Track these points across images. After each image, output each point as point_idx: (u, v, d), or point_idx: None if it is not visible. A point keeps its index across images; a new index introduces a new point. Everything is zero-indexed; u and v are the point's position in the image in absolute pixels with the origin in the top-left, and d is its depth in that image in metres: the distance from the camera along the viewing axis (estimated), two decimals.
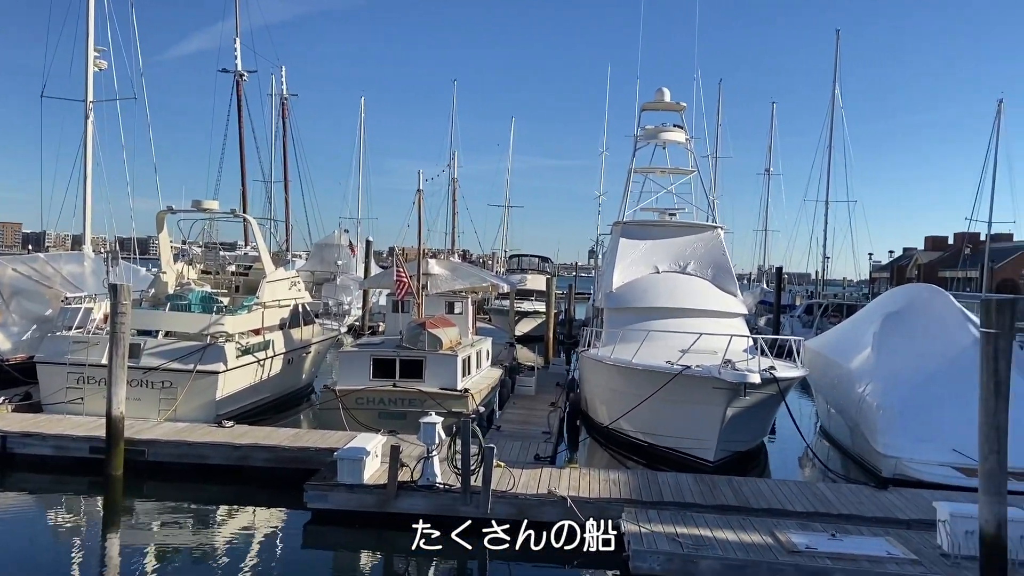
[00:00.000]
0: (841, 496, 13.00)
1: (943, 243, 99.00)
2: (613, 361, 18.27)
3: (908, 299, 20.38)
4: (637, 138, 26.24)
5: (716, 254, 23.23)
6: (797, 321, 49.74)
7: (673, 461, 16.77)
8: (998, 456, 8.96)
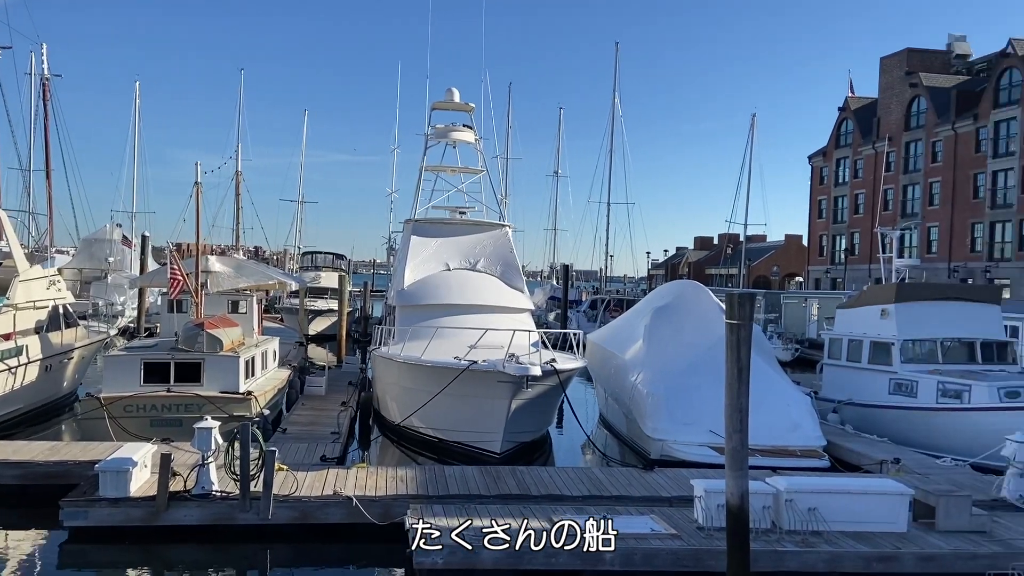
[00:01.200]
0: (614, 479, 13.90)
1: (709, 243, 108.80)
2: (403, 359, 18.29)
3: (674, 294, 22.20)
4: (428, 137, 26.44)
5: (504, 252, 23.96)
6: (583, 316, 52.56)
7: (462, 455, 17.11)
8: (741, 435, 9.97)
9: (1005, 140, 50.46)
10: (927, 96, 57.73)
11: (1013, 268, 49.02)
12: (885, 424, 18.88)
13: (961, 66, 62.63)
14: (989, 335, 19.74)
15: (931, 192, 57.39)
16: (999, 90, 51.10)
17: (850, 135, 67.43)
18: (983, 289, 24.87)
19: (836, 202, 69.28)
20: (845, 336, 21.42)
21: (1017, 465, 12.62)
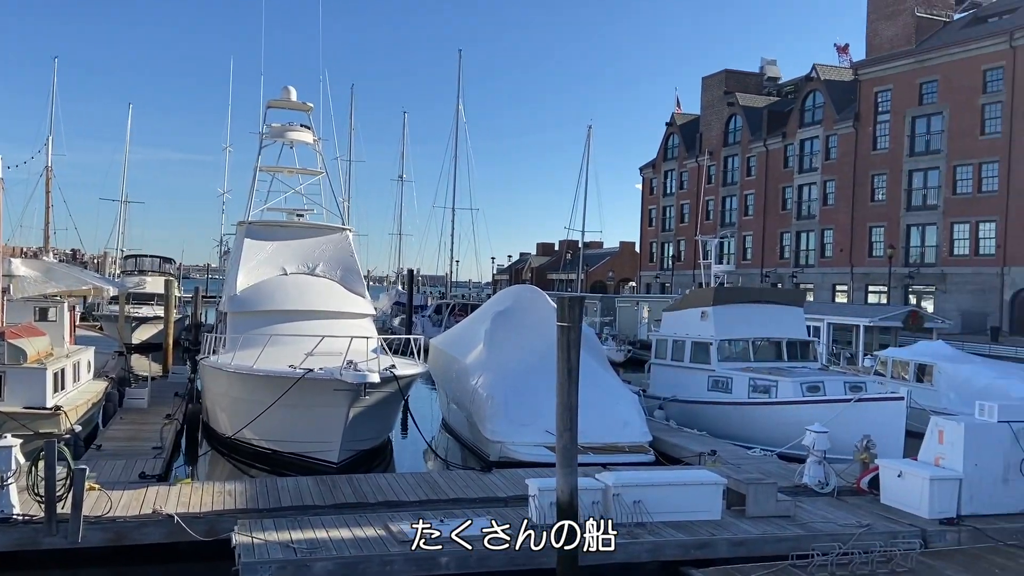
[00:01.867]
0: (452, 482, 13.98)
1: (551, 249, 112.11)
2: (234, 368, 17.50)
3: (513, 299, 22.69)
4: (263, 136, 25.50)
5: (344, 256, 23.51)
6: (428, 320, 52.50)
7: (299, 466, 16.60)
8: (571, 433, 10.34)
9: (809, 157, 55.54)
10: (742, 115, 62.48)
11: (815, 273, 53.98)
12: (705, 419, 20.21)
13: (772, 88, 68.33)
14: (794, 335, 21.64)
15: (746, 203, 62.12)
16: (804, 111, 56.18)
17: (676, 149, 71.72)
18: (789, 293, 27.17)
19: (664, 211, 73.41)
20: (670, 337, 22.73)
21: (816, 453, 13.89)
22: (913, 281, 46.27)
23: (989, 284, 42.65)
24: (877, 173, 49.51)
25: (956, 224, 44.83)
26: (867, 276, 49.62)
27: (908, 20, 48.51)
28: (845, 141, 51.85)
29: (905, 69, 47.82)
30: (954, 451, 12.65)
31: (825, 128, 53.62)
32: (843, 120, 51.78)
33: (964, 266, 44.08)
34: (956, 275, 44.38)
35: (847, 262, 51.10)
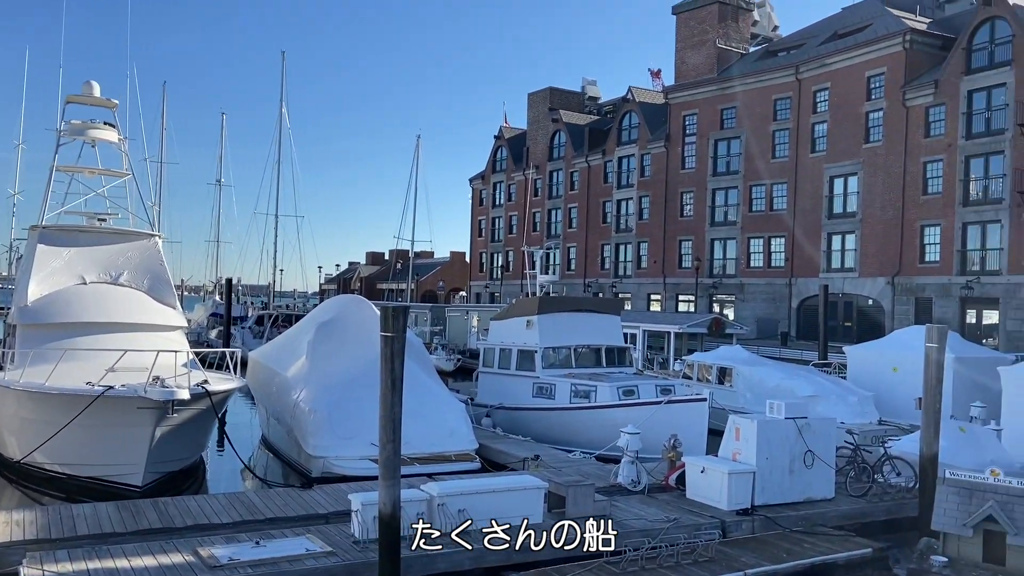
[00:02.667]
0: (270, 501, 13.45)
1: (381, 258, 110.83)
2: (23, 386, 15.92)
3: (338, 309, 22.23)
4: (61, 132, 23.39)
5: (153, 264, 22.04)
6: (249, 332, 50.21)
7: (99, 492, 15.32)
8: (394, 444, 10.28)
9: (626, 173, 58.75)
10: (566, 131, 65.05)
11: (632, 283, 57.11)
12: (530, 424, 20.79)
13: (593, 107, 71.66)
14: (612, 342, 22.78)
15: (570, 216, 64.66)
16: (621, 130, 59.40)
17: (505, 161, 73.40)
18: (608, 302, 28.60)
19: (494, 222, 74.83)
20: (497, 346, 23.18)
21: (629, 454, 14.69)
22: (717, 291, 50.13)
23: (780, 293, 47.02)
24: (686, 190, 53.22)
25: (752, 239, 49.07)
26: (677, 286, 53.13)
27: (711, 50, 52.65)
28: (658, 160, 55.33)
29: (708, 95, 51.84)
30: (749, 447, 13.82)
31: (640, 147, 56.95)
32: (656, 140, 55.24)
33: (759, 277, 48.30)
34: (752, 285, 48.54)
35: (660, 273, 54.47)
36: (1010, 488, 12.22)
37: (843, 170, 43.87)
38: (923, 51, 41.07)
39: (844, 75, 43.82)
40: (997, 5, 36.79)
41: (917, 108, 39.94)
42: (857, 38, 44.08)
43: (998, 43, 36.81)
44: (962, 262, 37.73)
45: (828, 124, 44.70)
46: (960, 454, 15.83)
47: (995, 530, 11.78)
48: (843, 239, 44.01)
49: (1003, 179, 36.05)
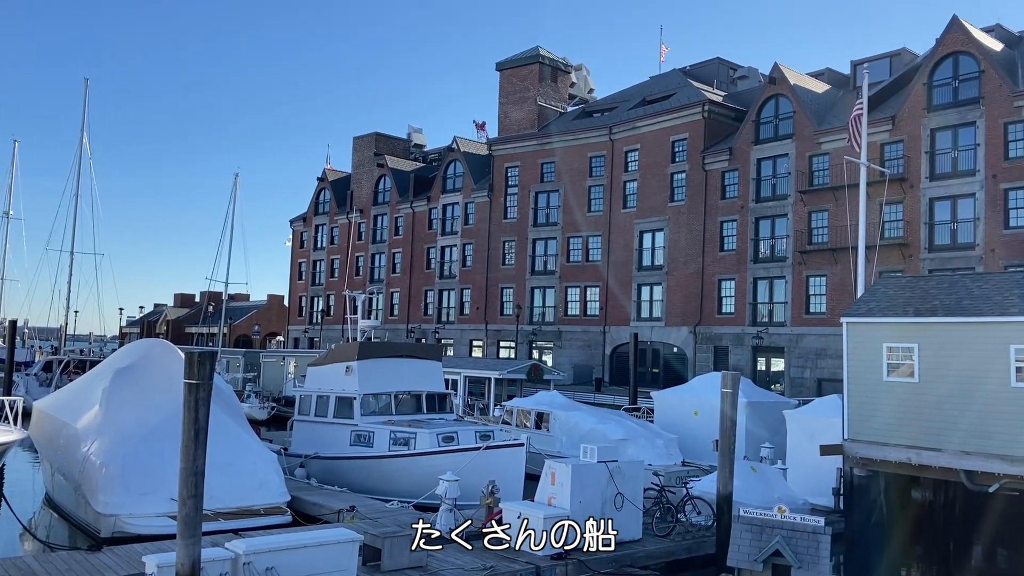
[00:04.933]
0: (51, 567, 12.07)
1: (191, 300, 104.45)
2: None
3: (139, 354, 20.61)
4: None
5: None
6: (34, 380, 45.37)
7: None
8: (195, 500, 9.60)
9: (451, 221, 59.57)
10: (391, 176, 65.13)
11: (455, 329, 57.56)
12: (348, 474, 20.15)
13: (419, 154, 72.38)
14: (433, 388, 22.73)
15: (394, 261, 64.41)
16: (446, 178, 60.34)
17: (328, 204, 72.10)
18: (428, 347, 28.52)
19: (315, 265, 72.95)
20: (314, 392, 22.42)
21: (447, 501, 14.60)
22: (536, 337, 51.61)
23: (595, 341, 49.21)
24: (508, 239, 54.74)
25: (569, 288, 51.19)
26: (499, 332, 54.16)
27: (532, 107, 55.06)
28: (481, 208, 56.61)
29: (529, 150, 54.01)
30: (563, 490, 14.17)
31: (464, 196, 58.05)
32: (480, 189, 56.57)
33: (576, 325, 50.34)
34: (569, 332, 50.47)
35: (482, 319, 55.31)
36: (794, 523, 13.36)
37: (651, 225, 47.01)
38: (719, 120, 45.23)
39: (652, 138, 47.27)
40: (780, 84, 41.35)
41: (715, 172, 43.76)
42: (663, 105, 47.82)
43: (782, 118, 41.30)
44: (753, 314, 41.36)
45: (638, 182, 47.87)
46: (752, 492, 17.13)
47: (781, 563, 12.79)
48: (651, 290, 46.95)
49: (787, 239, 40.13)
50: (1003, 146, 32.79)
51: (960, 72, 34.71)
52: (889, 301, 19.45)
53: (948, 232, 34.38)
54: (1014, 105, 32.41)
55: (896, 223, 35.68)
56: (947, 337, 17.58)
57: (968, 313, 17.37)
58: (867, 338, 18.97)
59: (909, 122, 35.73)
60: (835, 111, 40.34)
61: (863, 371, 18.97)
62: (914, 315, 18.24)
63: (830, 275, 37.69)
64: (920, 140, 35.30)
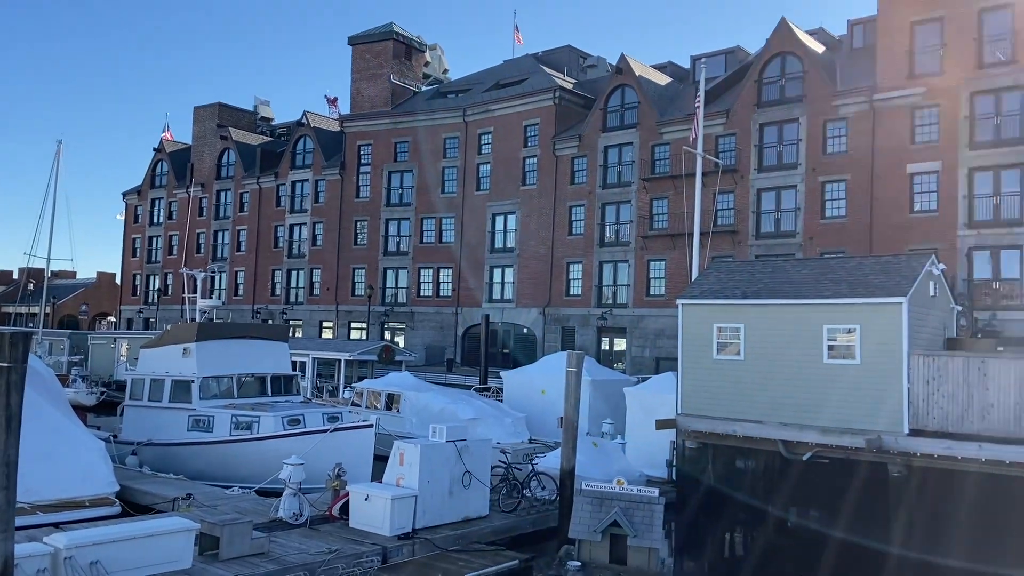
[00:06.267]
0: None
1: (8, 277, 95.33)
2: None
3: None
4: None
5: None
6: None
7: None
8: (7, 492, 8.84)
9: (300, 198, 57.68)
10: (236, 150, 62.13)
11: (304, 310, 56.00)
12: (185, 461, 19.20)
13: (266, 128, 69.46)
14: (278, 370, 22.03)
15: (239, 239, 61.63)
16: (296, 154, 58.31)
17: (165, 176, 67.83)
18: (274, 328, 27.65)
19: (151, 242, 68.57)
20: (148, 376, 21.17)
21: (291, 486, 14.24)
22: (388, 319, 51.13)
23: (447, 322, 49.41)
24: (360, 219, 53.73)
25: (422, 269, 51.03)
26: (350, 314, 53.19)
27: (385, 85, 54.15)
28: (332, 187, 55.18)
29: (383, 128, 53.15)
30: (412, 471, 14.20)
31: (315, 172, 56.35)
32: (331, 167, 55.09)
33: (428, 306, 50.30)
34: (422, 314, 50.38)
35: (333, 300, 54.09)
36: (631, 495, 14.07)
37: (504, 208, 47.63)
38: (570, 107, 46.38)
39: (505, 122, 47.79)
40: (627, 75, 42.93)
41: (565, 158, 44.90)
42: (516, 89, 48.42)
43: (627, 108, 42.92)
44: (599, 296, 42.95)
45: (491, 165, 48.29)
46: (594, 467, 17.88)
47: (619, 533, 13.45)
48: (503, 272, 47.64)
49: (630, 225, 41.88)
50: (822, 142, 35.71)
51: (787, 72, 37.42)
52: (720, 284, 20.79)
53: (773, 221, 37.10)
54: (832, 104, 35.34)
55: (728, 211, 38.09)
56: (770, 318, 19.03)
57: (788, 296, 18.87)
58: (699, 319, 20.20)
59: (741, 117, 38.15)
60: (676, 103, 42.41)
61: (696, 350, 20.20)
62: (741, 297, 19.60)
63: (669, 260, 39.73)
64: (750, 134, 37.79)
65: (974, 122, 31.51)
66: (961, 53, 31.86)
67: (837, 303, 17.94)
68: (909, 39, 33.43)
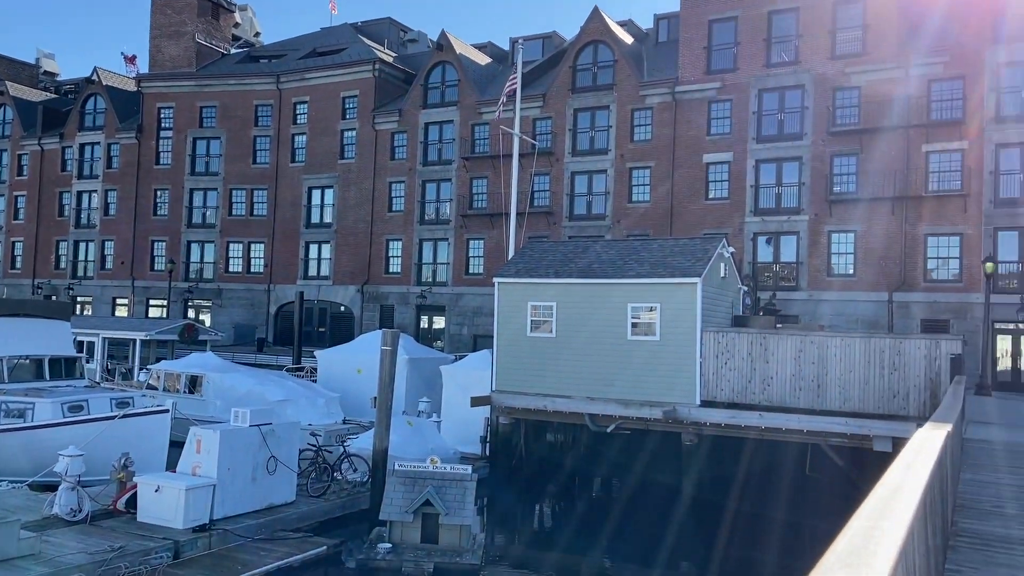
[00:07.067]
0: None
1: None
2: None
3: None
4: None
5: None
6: None
7: None
8: None
9: (90, 163, 52.50)
10: (14, 106, 55.47)
11: (95, 286, 51.24)
12: None
13: (50, 83, 62.53)
14: (58, 351, 19.90)
15: (16, 206, 55.25)
16: (85, 114, 52.92)
17: None
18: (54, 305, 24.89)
19: None
20: None
21: (68, 480, 12.88)
22: (193, 296, 47.93)
23: (259, 299, 47.11)
24: (160, 187, 49.77)
25: (231, 243, 48.22)
26: (149, 290, 49.32)
27: (189, 44, 50.34)
28: (128, 151, 50.66)
29: (187, 90, 49.42)
30: (210, 458, 13.30)
31: (107, 135, 51.47)
32: (126, 130, 50.53)
33: (238, 283, 47.67)
34: (231, 291, 47.68)
35: (129, 275, 49.88)
36: (444, 473, 14.02)
37: (320, 182, 45.97)
38: (390, 81, 45.44)
39: (322, 92, 46.00)
40: (447, 52, 42.67)
41: (384, 132, 43.99)
42: (334, 59, 46.70)
43: (448, 85, 42.70)
44: (418, 274, 42.66)
45: (307, 136, 46.38)
46: (409, 446, 17.72)
47: (431, 512, 13.37)
48: (320, 248, 46.06)
49: (450, 203, 41.87)
50: (630, 130, 37.42)
51: (599, 60, 38.78)
52: (534, 264, 21.22)
53: (585, 203, 38.49)
54: (639, 94, 37.07)
55: (544, 193, 39.04)
56: (580, 296, 19.69)
57: (596, 275, 19.59)
58: (514, 297, 20.53)
59: (557, 101, 39.12)
60: (496, 83, 42.72)
61: (510, 327, 20.54)
62: (554, 276, 20.11)
63: (487, 239, 40.16)
64: (565, 118, 38.86)
65: (761, 117, 34.26)
66: (752, 52, 34.46)
67: (640, 283, 18.85)
68: (707, 36, 35.69)
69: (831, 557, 1.95)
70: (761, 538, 15.94)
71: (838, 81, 32.53)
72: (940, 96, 30.87)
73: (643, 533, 17.35)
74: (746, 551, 15.93)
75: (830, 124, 32.44)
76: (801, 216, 32.94)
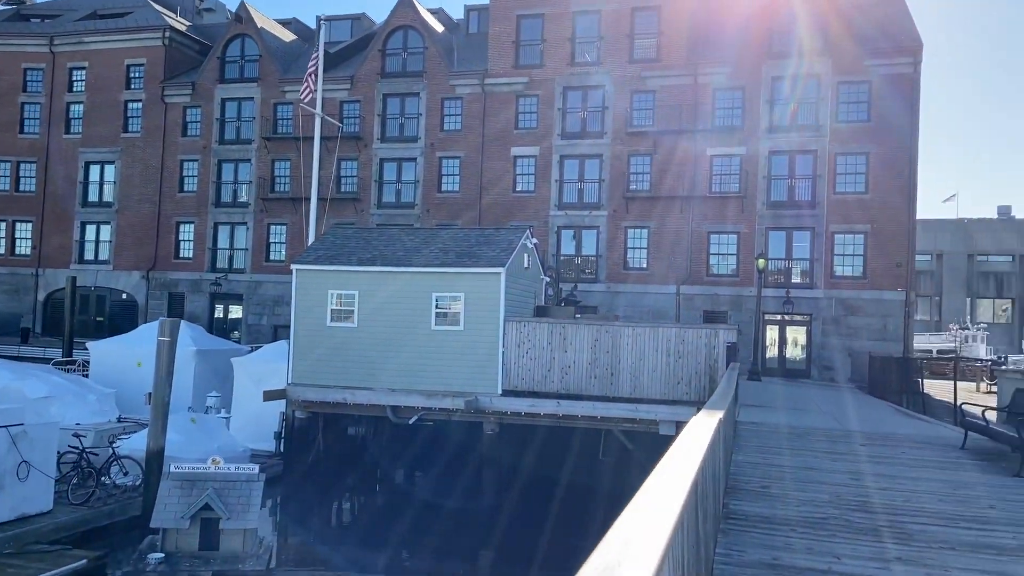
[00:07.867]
0: None
1: None
2: None
3: None
4: None
5: None
6: None
7: None
8: None
9: None
10: None
11: None
12: None
13: None
14: None
15: None
16: None
17: None
18: None
19: None
20: None
21: None
22: None
23: (24, 285, 42.05)
24: None
25: None
26: None
27: None
28: None
29: None
30: None
31: None
32: None
33: (0, 266, 42.32)
34: None
35: None
36: (228, 474, 13.01)
37: (100, 156, 41.74)
38: (182, 51, 42.09)
39: (103, 58, 41.75)
40: (247, 25, 40.18)
41: (175, 106, 40.68)
42: (118, 23, 42.53)
43: (248, 60, 40.23)
44: (213, 260, 39.92)
45: (85, 106, 41.91)
46: (192, 445, 16.38)
47: (211, 517, 12.34)
48: (98, 229, 41.84)
49: (249, 185, 39.53)
50: (440, 119, 37.20)
51: (409, 46, 38.17)
52: (337, 250, 20.39)
53: (395, 191, 37.81)
54: (450, 83, 36.93)
55: (352, 178, 37.89)
56: (384, 285, 19.14)
57: (401, 264, 19.15)
58: (314, 284, 19.61)
59: (365, 85, 38.07)
60: (300, 62, 40.84)
61: (310, 317, 19.59)
62: (357, 264, 19.43)
63: (290, 224, 38.37)
64: (374, 103, 37.91)
65: (566, 114, 35.32)
66: (557, 50, 35.40)
67: (444, 271, 18.66)
68: (516, 31, 36.22)
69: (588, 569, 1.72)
70: (555, 528, 16.31)
71: (636, 84, 34.18)
72: (723, 104, 33.34)
73: (443, 525, 17.20)
74: (533, 539, 16.26)
75: (628, 125, 34.03)
76: (601, 212, 34.33)
